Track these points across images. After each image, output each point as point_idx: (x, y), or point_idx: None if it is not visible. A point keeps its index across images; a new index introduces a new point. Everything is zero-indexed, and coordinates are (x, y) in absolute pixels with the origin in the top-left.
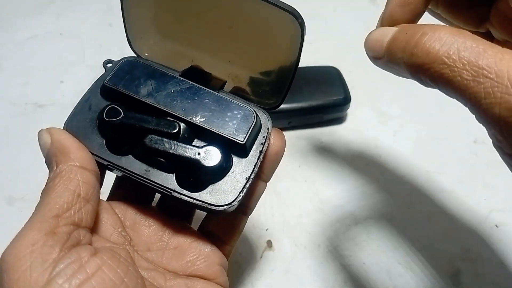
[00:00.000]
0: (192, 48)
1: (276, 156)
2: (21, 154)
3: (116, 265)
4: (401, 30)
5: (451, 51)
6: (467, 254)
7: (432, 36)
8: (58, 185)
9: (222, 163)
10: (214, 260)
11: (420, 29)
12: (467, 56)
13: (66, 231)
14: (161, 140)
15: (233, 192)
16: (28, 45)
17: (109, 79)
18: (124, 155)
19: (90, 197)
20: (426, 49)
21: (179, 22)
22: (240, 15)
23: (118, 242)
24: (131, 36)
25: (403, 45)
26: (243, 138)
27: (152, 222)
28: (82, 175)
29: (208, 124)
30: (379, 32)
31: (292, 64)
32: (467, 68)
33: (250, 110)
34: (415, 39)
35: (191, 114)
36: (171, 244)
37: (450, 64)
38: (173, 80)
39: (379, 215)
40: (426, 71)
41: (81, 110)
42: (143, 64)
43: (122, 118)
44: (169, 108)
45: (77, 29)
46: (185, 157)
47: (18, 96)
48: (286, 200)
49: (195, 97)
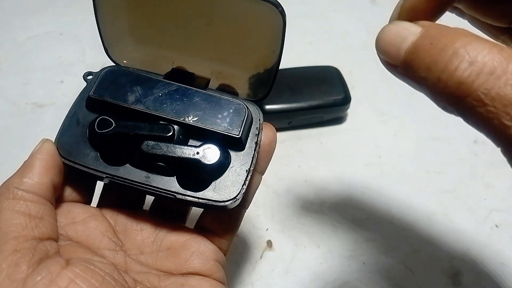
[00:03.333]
0: (171, 50)
1: (269, 147)
2: (21, 154)
3: (89, 275)
4: (425, 36)
5: (490, 85)
6: (467, 254)
7: (467, 59)
8: (6, 209)
9: (221, 159)
10: (209, 256)
11: (451, 41)
12: (510, 93)
13: (29, 246)
14: (158, 145)
15: (236, 186)
16: (28, 45)
17: (94, 90)
18: (121, 165)
19: (43, 214)
20: (457, 79)
21: (154, 26)
22: (217, 11)
23: (109, 248)
24: (108, 45)
25: (427, 62)
26: (238, 132)
27: (144, 225)
28: (29, 197)
29: (201, 123)
30: (395, 32)
31: (276, 54)
32: (509, 111)
33: (240, 104)
34: (444, 59)
35: (183, 115)
36: (164, 245)
37: (487, 103)
38: (159, 84)
39: (379, 215)
40: (455, 104)
41: (69, 126)
42: (126, 72)
43: (115, 128)
44: (160, 112)
45: (77, 29)
46: (184, 158)
47: (18, 96)
48: (286, 200)
49: (184, 98)
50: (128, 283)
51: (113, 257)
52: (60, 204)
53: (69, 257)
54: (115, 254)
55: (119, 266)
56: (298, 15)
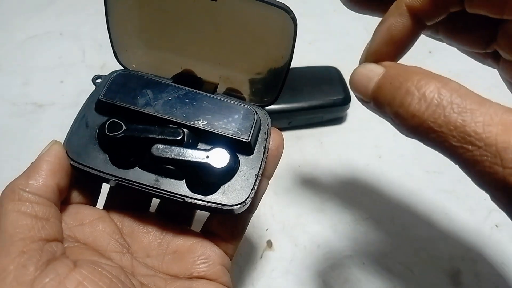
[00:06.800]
0: (180, 55)
1: (277, 151)
2: (21, 154)
3: (97, 278)
4: (386, 76)
5: (437, 114)
6: (467, 254)
7: (417, 97)
8: (12, 211)
9: (231, 163)
10: (216, 260)
11: (405, 80)
12: (453, 120)
13: (36, 247)
14: (168, 148)
15: (245, 190)
16: (28, 45)
17: (104, 93)
18: (131, 167)
19: (49, 216)
20: (411, 112)
21: (164, 31)
22: (227, 16)
23: (116, 250)
24: (117, 49)
25: (388, 98)
26: (247, 137)
27: (150, 228)
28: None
29: (211, 127)
30: (364, 73)
31: (286, 60)
32: (455, 134)
33: (249, 109)
34: (400, 96)
35: (192, 119)
36: (170, 248)
37: (437, 130)
38: (169, 88)
39: (379, 215)
40: (412, 131)
41: (78, 128)
42: (136, 75)
43: (125, 131)
44: (170, 116)
45: (77, 29)
46: (194, 161)
47: (18, 96)
48: (286, 200)
49: (193, 102)
50: (135, 286)
51: (120, 259)
52: (67, 206)
53: (76, 259)
54: (122, 257)
55: (126, 268)
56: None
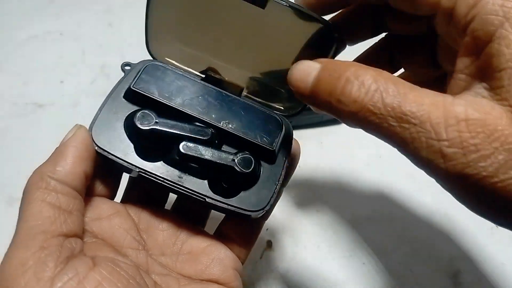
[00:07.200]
0: (211, 55)
1: (294, 161)
2: (21, 154)
3: (116, 279)
4: (324, 69)
5: (375, 98)
6: (467, 254)
7: (357, 84)
8: (37, 200)
9: (255, 169)
10: (229, 264)
11: (344, 71)
12: (390, 102)
13: (57, 243)
14: (196, 147)
15: (265, 196)
16: (28, 45)
17: (135, 82)
18: (155, 161)
19: (73, 208)
20: (352, 98)
21: (202, 29)
22: (270, 25)
23: (132, 247)
24: (150, 38)
25: (329, 89)
26: (273, 145)
27: (166, 225)
28: (61, 188)
29: (239, 131)
30: (302, 68)
31: None
32: (392, 115)
33: (278, 118)
34: (340, 85)
35: (221, 120)
36: (185, 249)
37: (376, 112)
38: (199, 86)
39: (379, 215)
40: (354, 118)
41: (106, 114)
42: (167, 68)
43: (156, 124)
44: (200, 115)
45: (77, 29)
46: (221, 163)
47: (18, 96)
48: (286, 200)
49: (223, 103)
50: (149, 287)
51: (135, 256)
52: (88, 198)
53: (94, 255)
54: (137, 254)
55: (141, 266)
56: None
